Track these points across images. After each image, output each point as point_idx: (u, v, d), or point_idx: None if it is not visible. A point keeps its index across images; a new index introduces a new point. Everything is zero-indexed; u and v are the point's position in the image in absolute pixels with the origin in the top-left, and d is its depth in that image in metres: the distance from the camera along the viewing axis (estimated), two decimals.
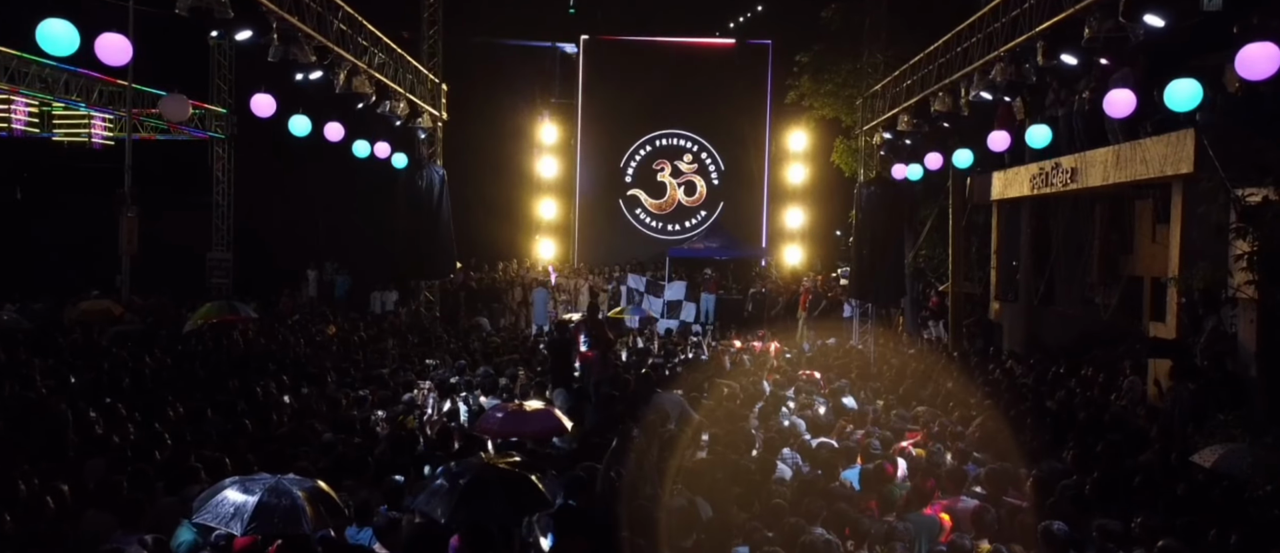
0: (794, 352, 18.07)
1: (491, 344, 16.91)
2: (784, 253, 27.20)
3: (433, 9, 19.64)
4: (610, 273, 25.28)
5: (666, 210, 27.74)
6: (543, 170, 27.67)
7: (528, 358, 15.55)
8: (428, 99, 18.78)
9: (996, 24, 12.56)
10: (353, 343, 16.93)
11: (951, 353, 17.35)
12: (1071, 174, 14.19)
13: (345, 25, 13.86)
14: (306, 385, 12.02)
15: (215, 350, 14.59)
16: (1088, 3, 9.84)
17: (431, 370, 12.59)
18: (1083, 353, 15.59)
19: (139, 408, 9.88)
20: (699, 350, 16.79)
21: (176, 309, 19.75)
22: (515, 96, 27.28)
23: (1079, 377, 13.96)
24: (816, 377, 14.05)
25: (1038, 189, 15.38)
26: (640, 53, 27.31)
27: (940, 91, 14.57)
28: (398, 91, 16.48)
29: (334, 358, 14.31)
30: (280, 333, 17.72)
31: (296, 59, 12.13)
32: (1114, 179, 12.94)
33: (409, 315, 21.43)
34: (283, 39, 11.81)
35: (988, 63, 12.55)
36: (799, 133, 27.06)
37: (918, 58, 15.51)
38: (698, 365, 14.55)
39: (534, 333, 20.78)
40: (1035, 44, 11.29)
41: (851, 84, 22.09)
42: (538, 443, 8.78)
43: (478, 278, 24.37)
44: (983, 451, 9.42)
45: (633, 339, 17.89)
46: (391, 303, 23.46)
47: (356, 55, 14.42)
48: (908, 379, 14.07)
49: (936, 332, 20.66)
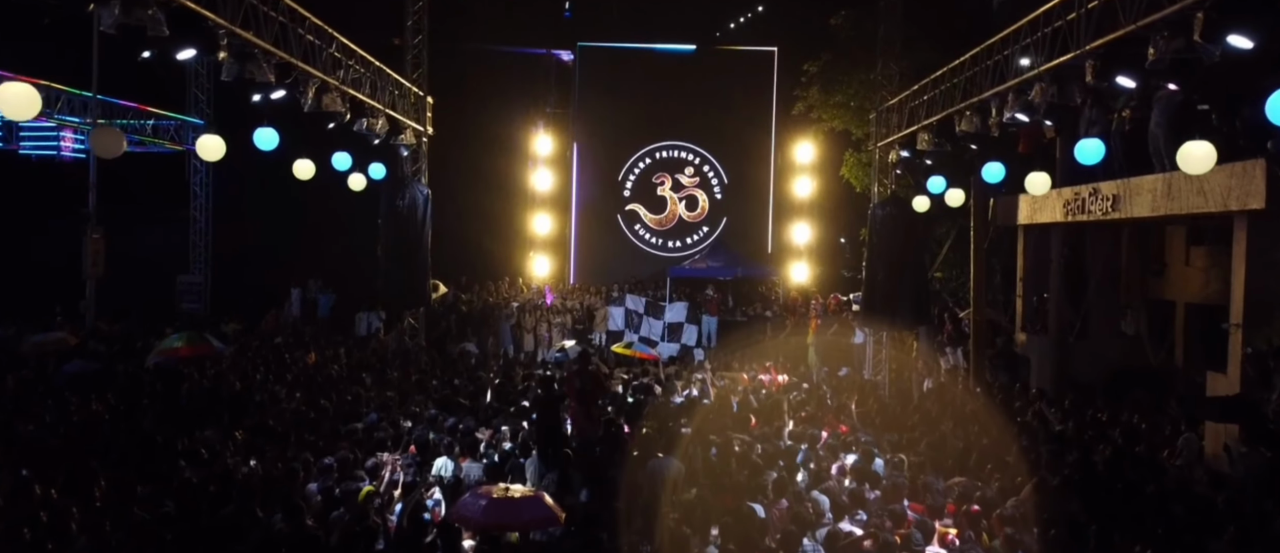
0: (805, 387, 16.76)
1: (479, 381, 15.60)
2: (790, 270, 25.93)
3: (418, 16, 18.32)
4: (608, 292, 24.01)
5: (667, 226, 26.65)
6: (537, 183, 26.50)
7: (515, 399, 14.30)
8: (411, 113, 17.47)
9: (1034, 37, 11.24)
10: (330, 378, 15.67)
11: (974, 387, 16.07)
12: (1113, 201, 12.93)
13: (314, 37, 12.56)
14: (266, 443, 10.74)
15: (168, 396, 13.28)
16: (1152, 18, 8.51)
17: (407, 432, 11.27)
18: (1121, 394, 14.34)
19: (62, 480, 8.62)
20: (705, 389, 15.47)
21: (143, 338, 18.48)
22: (508, 106, 26.12)
23: (1122, 425, 12.69)
24: (840, 430, 12.75)
25: (1073, 216, 14.11)
26: (639, 60, 26.23)
27: (967, 110, 13.26)
28: (376, 108, 15.17)
29: (303, 405, 12.97)
30: (251, 367, 16.46)
31: (253, 78, 10.82)
32: (1165, 210, 11.67)
33: (394, 339, 20.15)
34: (236, 57, 10.52)
35: (1025, 81, 11.24)
36: (806, 144, 25.86)
37: (941, 71, 14.21)
38: (699, 410, 13.23)
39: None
40: (1083, 63, 9.98)
41: (863, 96, 20.85)
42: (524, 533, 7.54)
43: (467, 300, 23.08)
44: (1028, 532, 8.20)
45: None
46: (377, 324, 22.24)
47: (328, 70, 13.12)
48: (935, 429, 12.81)
49: (954, 359, 19.41)
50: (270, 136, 13.08)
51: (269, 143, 13.10)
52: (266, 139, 13.08)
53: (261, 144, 13.17)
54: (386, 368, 16.94)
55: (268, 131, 13.04)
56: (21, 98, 8.21)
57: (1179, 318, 16.98)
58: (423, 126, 18.33)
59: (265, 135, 13.07)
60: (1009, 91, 11.74)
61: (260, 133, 13.05)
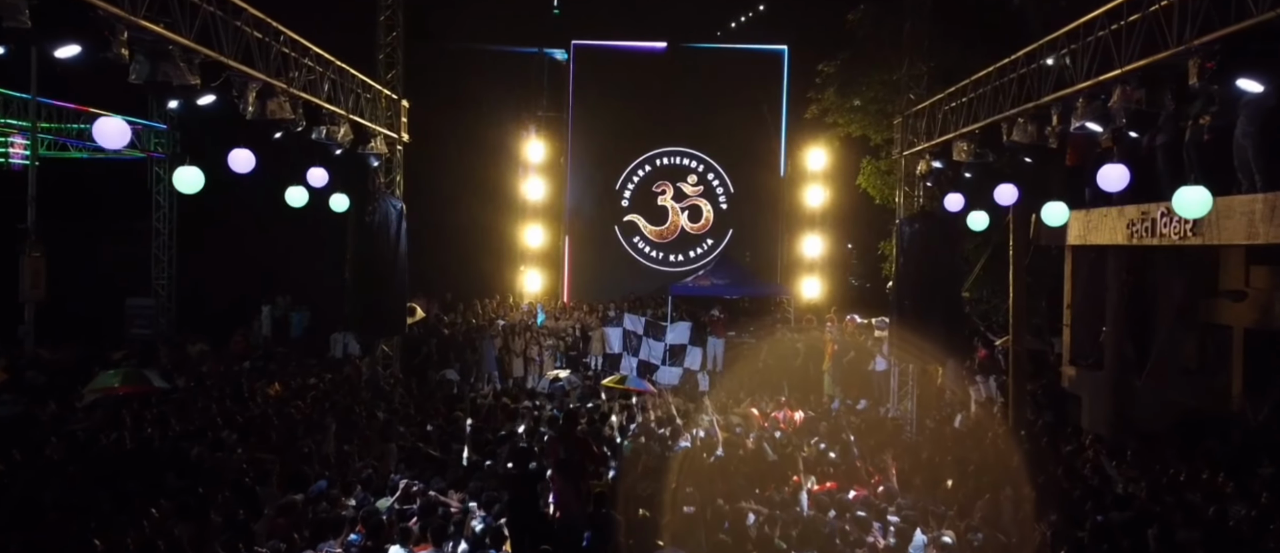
0: (824, 427, 14.86)
1: (455, 423, 13.68)
2: (801, 286, 24.07)
3: (391, 12, 16.43)
4: (604, 311, 22.15)
5: (668, 238, 24.99)
6: (528, 193, 24.71)
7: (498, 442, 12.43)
8: (382, 119, 15.58)
9: (1111, 29, 9.32)
10: (289, 420, 13.80)
11: (1017, 430, 14.19)
12: (1192, 225, 11.02)
13: (256, 31, 10.66)
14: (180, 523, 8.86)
15: (88, 448, 11.40)
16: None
17: (357, 503, 9.38)
18: (1191, 443, 12.46)
19: None
20: (712, 432, 13.54)
21: (88, 367, 16.64)
22: (496, 110, 24.45)
23: (1204, 485, 10.79)
24: (875, 487, 10.87)
25: (1138, 238, 12.21)
26: (638, 59, 24.63)
27: (1020, 117, 11.35)
28: (337, 113, 13.26)
29: (244, 464, 11.07)
30: (203, 405, 14.61)
31: (169, 80, 8.92)
32: (1267, 237, 9.75)
33: (369, 368, 18.30)
34: (147, 55, 8.62)
35: (1102, 83, 9.34)
36: (818, 150, 24.11)
37: (988, 70, 12.31)
38: (706, 471, 11.33)
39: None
40: (1186, 61, 8.08)
41: (885, 99, 19.01)
42: None
43: (450, 321, 21.21)
44: None
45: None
46: (355, 347, 20.42)
47: (275, 71, 11.22)
48: (979, 485, 10.94)
49: (986, 390, 17.56)
50: (246, 159, 11.38)
51: (245, 166, 11.42)
52: (242, 162, 11.39)
53: (237, 168, 11.47)
54: (354, 405, 15.04)
55: (243, 153, 11.33)
56: None
57: (1237, 347, 15.17)
58: (397, 133, 16.43)
59: (241, 158, 11.38)
60: (1078, 95, 9.83)
61: (236, 155, 11.35)
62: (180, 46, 8.91)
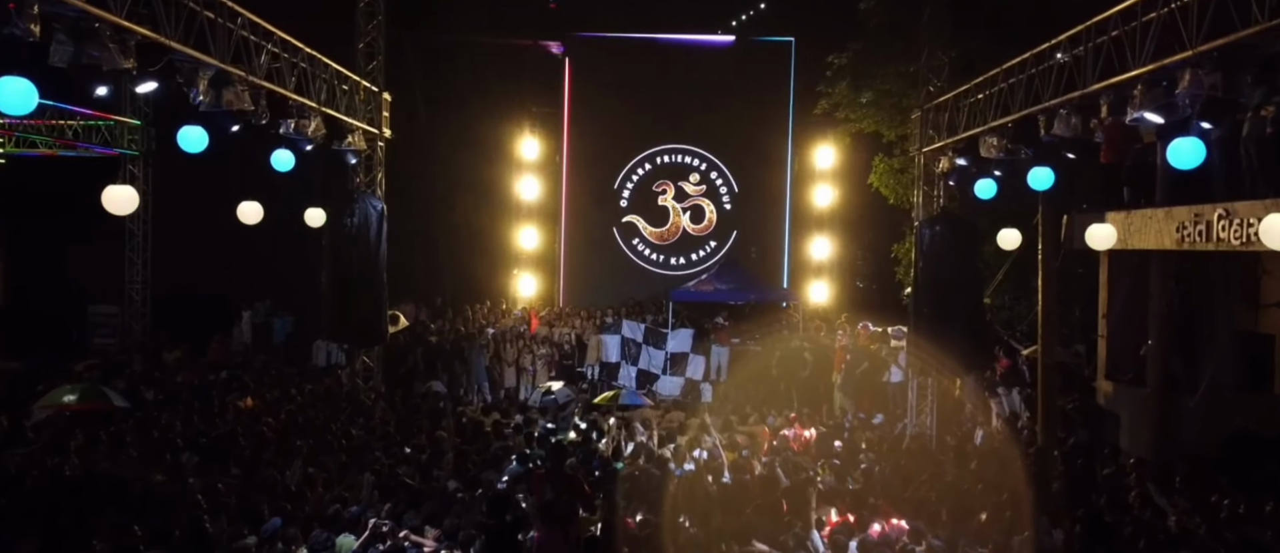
0: (839, 446, 13.72)
1: (438, 445, 12.53)
2: (808, 291, 22.98)
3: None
4: (601, 318, 21.03)
5: (669, 240, 24.04)
6: (522, 192, 23.74)
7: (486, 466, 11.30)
8: (361, 113, 14.43)
9: (1169, 6, 8.17)
10: (259, 439, 12.69)
11: (1050, 452, 13.03)
12: (1256, 229, 9.85)
13: (208, 10, 9.50)
14: None
15: (21, 477, 10.28)
16: None
17: (318, 549, 8.23)
18: (1246, 469, 11.30)
19: None
20: (716, 453, 12.38)
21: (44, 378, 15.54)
22: (488, 105, 23.47)
23: (1271, 520, 9.65)
24: (897, 524, 9.71)
25: (1190, 243, 11.03)
26: (638, 53, 23.64)
27: (1062, 109, 10.19)
28: (306, 106, 12.11)
29: (198, 495, 9.93)
30: (165, 424, 13.50)
31: (99, 64, 7.77)
32: None
33: (348, 380, 17.20)
34: (70, 34, 7.47)
35: (1165, 67, 8.17)
36: (827, 148, 23.12)
37: (1024, 56, 11.15)
38: (710, 503, 10.21)
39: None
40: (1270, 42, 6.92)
41: (900, 92, 17.91)
42: None
43: (437, 328, 20.08)
44: None
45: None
46: (339, 355, 19.36)
47: (233, 57, 10.07)
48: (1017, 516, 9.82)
49: (1009, 404, 16.46)
50: (198, 137, 10.58)
51: (197, 144, 10.64)
52: (193, 140, 10.61)
53: (187, 146, 10.65)
54: (329, 423, 13.91)
55: (195, 130, 10.54)
56: None
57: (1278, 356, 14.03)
58: (378, 128, 15.29)
59: (192, 135, 10.59)
60: (1137, 82, 8.66)
61: (186, 133, 10.58)
62: (109, 24, 7.74)
